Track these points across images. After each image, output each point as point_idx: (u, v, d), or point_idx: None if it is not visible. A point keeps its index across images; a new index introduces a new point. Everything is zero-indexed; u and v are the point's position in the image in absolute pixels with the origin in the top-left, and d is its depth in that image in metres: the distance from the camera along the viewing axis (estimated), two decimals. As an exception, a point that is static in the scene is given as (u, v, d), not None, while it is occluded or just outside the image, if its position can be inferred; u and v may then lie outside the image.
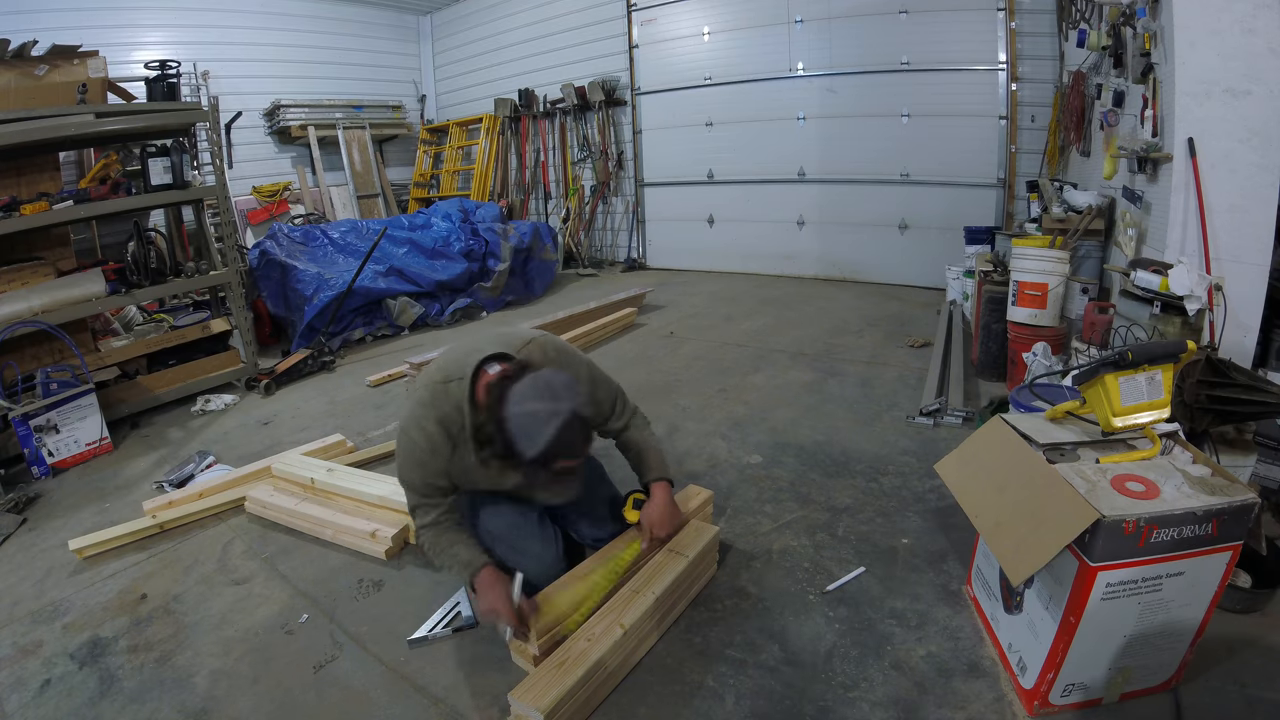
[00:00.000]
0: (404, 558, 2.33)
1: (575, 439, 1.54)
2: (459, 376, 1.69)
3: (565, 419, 1.50)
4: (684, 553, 1.97)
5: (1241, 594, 1.82)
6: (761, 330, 4.87)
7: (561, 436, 1.50)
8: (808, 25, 6.01)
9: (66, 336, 3.34)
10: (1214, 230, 2.44)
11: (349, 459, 3.02)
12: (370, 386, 4.15)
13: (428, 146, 8.83)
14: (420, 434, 1.70)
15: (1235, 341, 2.42)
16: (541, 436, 1.49)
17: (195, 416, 3.87)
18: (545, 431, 1.49)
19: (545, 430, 1.49)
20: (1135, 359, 1.50)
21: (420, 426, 1.70)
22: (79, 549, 2.44)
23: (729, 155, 6.81)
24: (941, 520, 2.34)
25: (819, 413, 3.34)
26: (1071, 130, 4.28)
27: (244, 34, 7.09)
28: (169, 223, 5.51)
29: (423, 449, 1.70)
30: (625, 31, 7.13)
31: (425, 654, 1.88)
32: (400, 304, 5.28)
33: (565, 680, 1.54)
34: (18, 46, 3.64)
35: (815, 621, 1.90)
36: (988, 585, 1.81)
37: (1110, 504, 1.36)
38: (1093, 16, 3.80)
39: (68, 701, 1.78)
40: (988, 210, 5.52)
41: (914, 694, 1.63)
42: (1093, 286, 3.48)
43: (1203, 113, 2.46)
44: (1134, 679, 1.54)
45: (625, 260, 7.74)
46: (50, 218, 3.38)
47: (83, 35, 4.34)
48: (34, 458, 3.17)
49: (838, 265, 6.43)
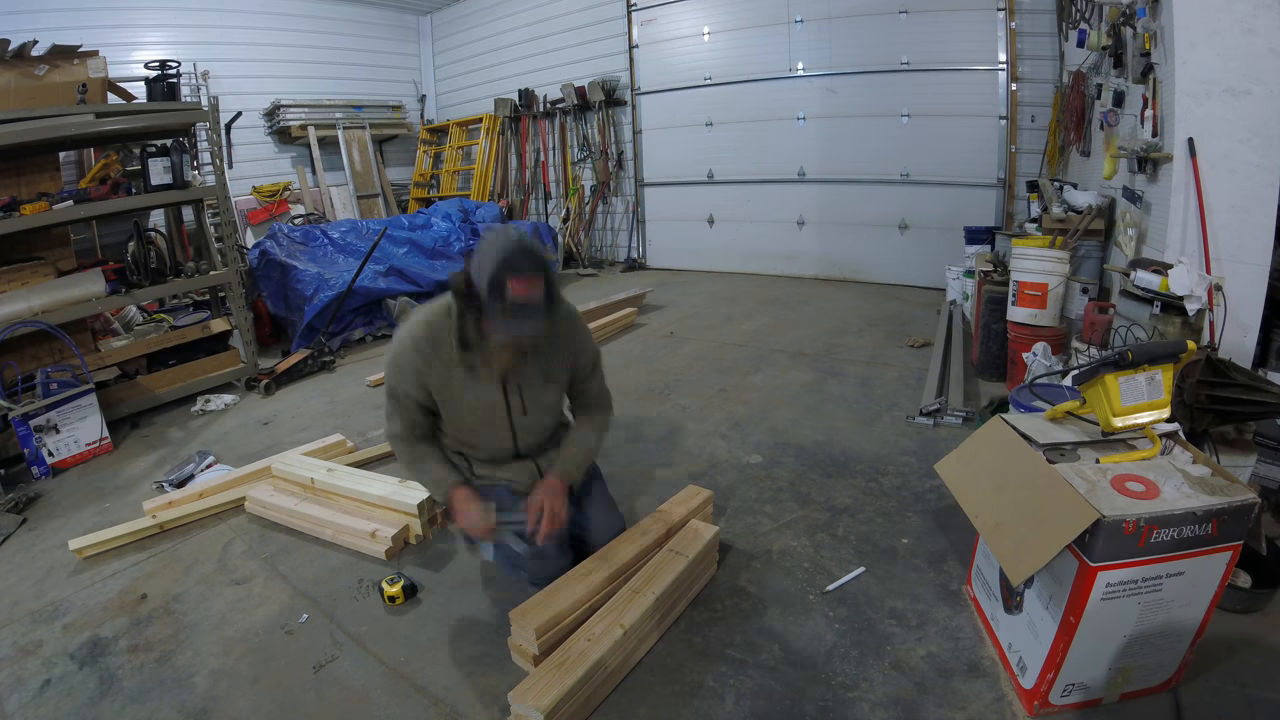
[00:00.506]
0: (404, 558, 2.33)
1: (523, 261, 1.57)
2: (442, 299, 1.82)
3: (511, 243, 1.59)
4: (684, 553, 1.97)
5: (1241, 594, 1.82)
6: (761, 330, 4.87)
7: (508, 259, 1.56)
8: (808, 25, 6.01)
9: (66, 336, 3.34)
10: (1214, 230, 2.44)
11: (349, 459, 3.02)
12: (370, 386, 4.15)
13: (428, 146, 8.82)
14: (406, 335, 1.79)
15: (1235, 341, 2.42)
16: (491, 259, 1.57)
17: (195, 416, 3.87)
18: (494, 254, 1.57)
19: (493, 253, 1.57)
20: (1135, 359, 1.50)
21: (409, 329, 1.80)
22: (79, 549, 2.44)
23: (729, 155, 6.81)
24: (941, 520, 2.34)
25: (819, 413, 3.34)
26: (1071, 130, 4.27)
27: (244, 34, 7.09)
28: (169, 223, 5.51)
29: (405, 348, 1.78)
30: (625, 31, 7.12)
31: (425, 654, 1.88)
32: (400, 304, 5.27)
33: (565, 680, 1.54)
34: (18, 46, 3.64)
35: (815, 621, 1.90)
36: (988, 585, 1.81)
37: (1110, 504, 1.36)
38: (1093, 16, 3.80)
39: (68, 701, 1.78)
40: (988, 210, 5.52)
41: (914, 694, 1.63)
42: (1093, 286, 3.48)
43: (1203, 113, 2.46)
44: (1134, 679, 1.54)
45: (625, 260, 7.74)
46: (50, 218, 3.38)
47: (83, 35, 4.34)
48: (34, 458, 3.17)
49: (838, 265, 6.43)
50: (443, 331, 1.77)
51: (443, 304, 1.80)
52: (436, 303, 1.83)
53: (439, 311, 1.80)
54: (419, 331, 1.78)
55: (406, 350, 1.78)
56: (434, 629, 1.98)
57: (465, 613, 2.04)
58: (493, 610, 2.03)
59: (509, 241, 1.60)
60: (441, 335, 1.77)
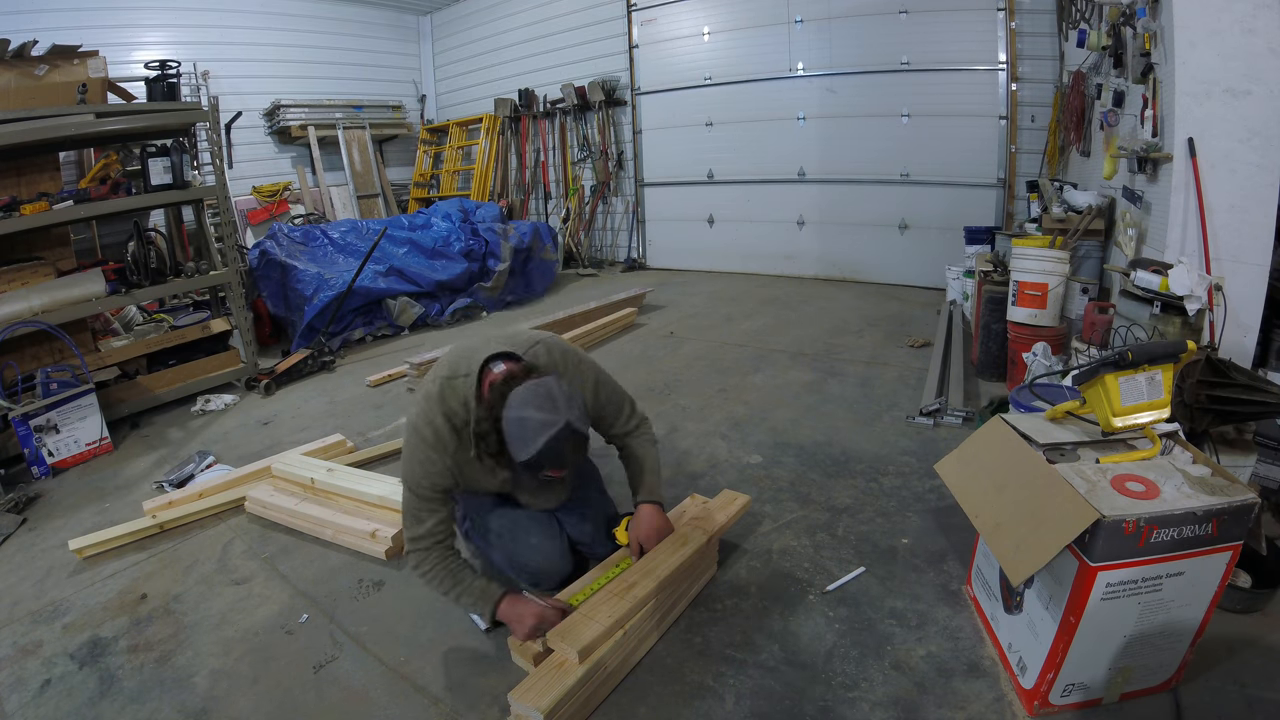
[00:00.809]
0: (404, 558, 2.33)
1: (564, 450, 1.54)
2: (465, 373, 1.71)
3: (557, 430, 1.52)
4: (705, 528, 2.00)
5: (1241, 594, 1.81)
6: (761, 330, 4.87)
7: (551, 446, 1.52)
8: (808, 25, 6.01)
9: (66, 336, 3.34)
10: (1214, 230, 2.44)
11: (349, 459, 3.02)
12: (370, 386, 4.15)
13: (428, 146, 8.83)
14: (428, 428, 1.70)
15: (1235, 341, 2.42)
16: (533, 444, 1.51)
17: (195, 416, 3.87)
18: (537, 440, 1.51)
19: (538, 439, 1.51)
20: (1135, 359, 1.50)
21: (428, 421, 1.71)
22: (79, 549, 2.44)
23: (729, 155, 6.81)
24: (941, 520, 2.33)
25: (819, 413, 3.34)
26: (1071, 130, 4.27)
27: (244, 34, 7.10)
28: (169, 223, 5.51)
29: (428, 443, 1.70)
30: (625, 31, 7.12)
31: (425, 654, 1.88)
32: (400, 304, 5.28)
33: (565, 680, 1.54)
34: (18, 46, 3.64)
35: (815, 621, 1.90)
36: (988, 585, 1.81)
37: (1110, 504, 1.35)
38: (1093, 16, 3.80)
39: (68, 701, 1.78)
40: (988, 210, 5.52)
41: (914, 694, 1.63)
42: (1093, 286, 3.48)
43: (1203, 113, 2.46)
44: (1134, 679, 1.54)
45: (625, 260, 7.74)
46: (50, 218, 3.38)
47: (83, 35, 4.34)
48: (34, 458, 3.17)
49: (838, 265, 6.43)
50: (464, 432, 1.68)
51: (459, 399, 1.69)
52: (450, 392, 1.70)
53: (456, 408, 1.69)
54: (440, 425, 1.69)
55: (427, 445, 1.69)
56: (434, 629, 1.98)
57: (465, 613, 2.03)
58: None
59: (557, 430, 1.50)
60: (464, 435, 1.68)
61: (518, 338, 1.85)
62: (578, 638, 1.61)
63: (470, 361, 1.72)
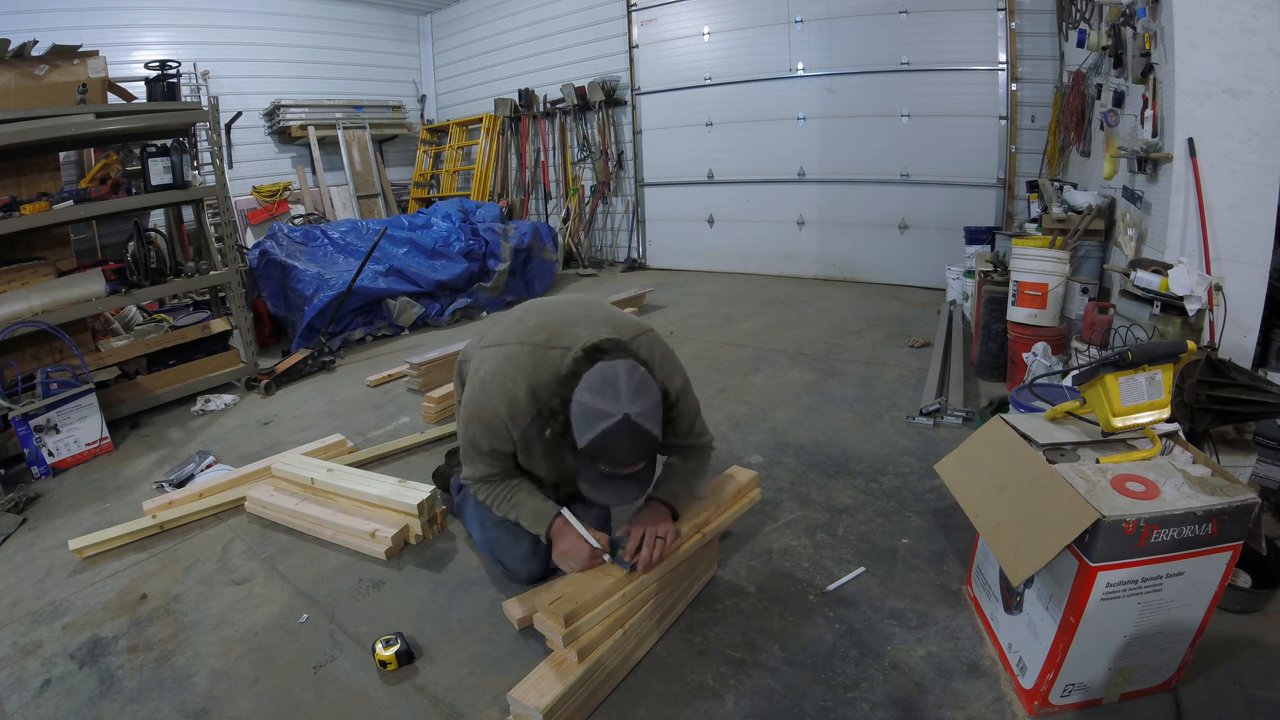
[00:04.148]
0: (404, 558, 2.33)
1: (620, 448, 1.47)
2: (565, 346, 1.62)
3: (614, 425, 1.44)
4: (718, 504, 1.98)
5: (1241, 594, 1.81)
6: (761, 330, 4.87)
7: (605, 440, 1.45)
8: (808, 25, 6.01)
9: (66, 336, 3.34)
10: (1214, 230, 2.44)
11: (349, 459, 3.02)
12: (370, 386, 4.15)
13: (428, 146, 8.83)
14: (503, 396, 1.63)
15: (1235, 341, 2.42)
16: (588, 432, 1.46)
17: (195, 416, 3.87)
18: (593, 428, 1.46)
19: (593, 427, 1.46)
20: (1135, 359, 1.50)
21: (505, 388, 1.63)
22: (79, 549, 2.44)
23: (729, 155, 6.81)
24: (941, 520, 2.33)
25: (819, 413, 3.34)
26: (1071, 130, 4.28)
27: (244, 34, 7.09)
28: (169, 223, 5.51)
29: (501, 414, 1.63)
30: (625, 31, 7.13)
31: (425, 654, 1.88)
32: (400, 304, 5.28)
33: (565, 680, 1.54)
34: (18, 46, 3.63)
35: (815, 621, 1.90)
36: (988, 585, 1.81)
37: (1110, 504, 1.35)
38: (1093, 16, 3.80)
39: (68, 701, 1.78)
40: (988, 210, 5.52)
41: (914, 694, 1.63)
42: (1093, 286, 3.48)
43: (1203, 113, 2.46)
44: (1134, 679, 1.54)
45: (625, 260, 7.74)
46: (50, 218, 3.37)
47: (83, 35, 4.34)
48: (34, 458, 3.17)
49: (838, 265, 6.43)
50: (546, 408, 1.60)
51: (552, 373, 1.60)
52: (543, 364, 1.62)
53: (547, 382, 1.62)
54: (520, 398, 1.63)
55: (500, 414, 1.65)
56: (434, 629, 1.98)
57: (465, 613, 2.03)
58: (493, 611, 2.03)
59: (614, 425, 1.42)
60: (546, 411, 1.61)
61: (623, 321, 1.75)
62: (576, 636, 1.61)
63: (572, 335, 1.63)
